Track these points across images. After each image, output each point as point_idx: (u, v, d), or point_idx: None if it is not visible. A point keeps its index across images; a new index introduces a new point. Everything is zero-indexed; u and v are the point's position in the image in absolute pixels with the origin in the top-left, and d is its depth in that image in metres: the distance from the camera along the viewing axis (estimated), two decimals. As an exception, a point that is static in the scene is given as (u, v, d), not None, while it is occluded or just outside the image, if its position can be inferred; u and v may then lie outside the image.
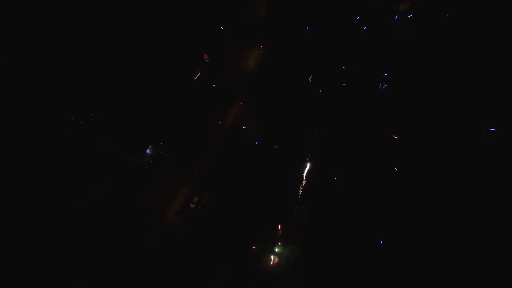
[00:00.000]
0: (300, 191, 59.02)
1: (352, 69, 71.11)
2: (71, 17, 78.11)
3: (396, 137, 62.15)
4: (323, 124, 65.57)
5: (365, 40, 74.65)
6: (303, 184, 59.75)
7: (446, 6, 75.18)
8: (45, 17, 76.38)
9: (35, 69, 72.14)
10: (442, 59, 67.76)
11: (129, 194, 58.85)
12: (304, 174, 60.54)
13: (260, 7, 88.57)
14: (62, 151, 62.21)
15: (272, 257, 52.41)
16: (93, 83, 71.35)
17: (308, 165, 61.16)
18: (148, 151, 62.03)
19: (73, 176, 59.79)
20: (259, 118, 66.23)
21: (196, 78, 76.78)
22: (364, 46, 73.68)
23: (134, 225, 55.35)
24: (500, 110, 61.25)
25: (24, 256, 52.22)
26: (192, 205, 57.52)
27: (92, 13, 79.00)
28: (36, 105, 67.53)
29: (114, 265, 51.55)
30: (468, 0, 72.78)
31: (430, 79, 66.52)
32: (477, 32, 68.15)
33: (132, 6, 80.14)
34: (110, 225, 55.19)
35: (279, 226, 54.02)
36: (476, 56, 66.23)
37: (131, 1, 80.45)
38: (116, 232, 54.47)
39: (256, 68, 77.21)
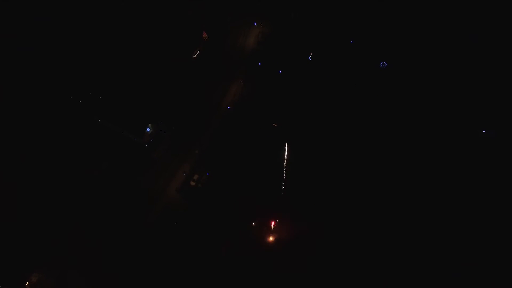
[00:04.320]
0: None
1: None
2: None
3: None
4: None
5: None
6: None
7: None
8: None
9: (33, 50, 71.36)
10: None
11: (130, 173, 59.09)
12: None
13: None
14: (61, 132, 62.34)
15: (270, 233, 53.54)
16: (92, 62, 70.62)
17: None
18: (148, 129, 61.93)
19: (73, 157, 60.21)
20: (259, 96, 66.25)
21: (195, 56, 75.94)
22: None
23: (135, 203, 55.96)
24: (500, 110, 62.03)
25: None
26: (192, 183, 58.18)
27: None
28: (35, 85, 67.15)
29: (117, 243, 52.57)
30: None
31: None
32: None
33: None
34: (111, 204, 55.81)
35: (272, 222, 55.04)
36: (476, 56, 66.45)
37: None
38: (118, 211, 55.16)
39: (255, 46, 76.27)
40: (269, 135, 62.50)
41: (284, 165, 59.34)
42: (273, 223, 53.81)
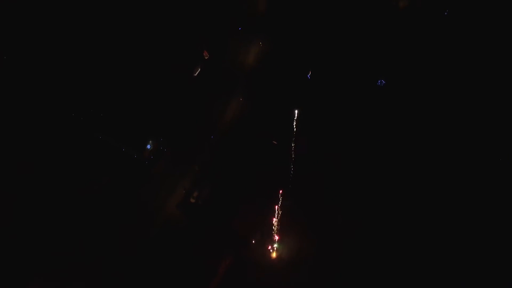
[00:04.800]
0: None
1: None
2: (72, 14, 78.36)
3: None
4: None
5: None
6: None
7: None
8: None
9: (35, 65, 72.35)
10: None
11: (130, 188, 58.85)
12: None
13: (259, 3, 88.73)
14: (63, 147, 62.59)
15: (271, 250, 53.06)
16: (94, 79, 71.64)
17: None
18: (148, 146, 62.48)
19: (73, 172, 60.17)
20: (258, 113, 66.89)
21: (196, 75, 77.14)
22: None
23: (134, 219, 55.74)
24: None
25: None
26: (192, 200, 58.15)
27: (92, 11, 79.26)
28: (37, 101, 67.83)
29: (115, 259, 52.05)
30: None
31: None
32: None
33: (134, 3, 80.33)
34: (110, 219, 55.42)
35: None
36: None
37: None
38: (117, 226, 54.81)
39: (255, 64, 77.54)
40: (269, 153, 62.81)
41: (286, 182, 59.38)
42: (275, 239, 53.52)
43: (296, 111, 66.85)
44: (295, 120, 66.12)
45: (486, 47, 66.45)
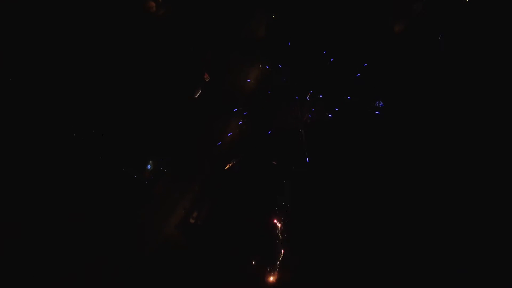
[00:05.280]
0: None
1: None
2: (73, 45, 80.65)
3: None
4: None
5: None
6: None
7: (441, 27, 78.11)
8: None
9: (35, 87, 73.63)
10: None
11: (129, 208, 58.61)
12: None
13: (259, 27, 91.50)
14: (62, 165, 62.69)
15: (272, 271, 52.31)
16: (94, 100, 72.67)
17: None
18: (148, 166, 62.69)
19: (72, 190, 60.02)
20: (258, 134, 67.54)
21: (196, 96, 78.41)
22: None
23: (133, 239, 55.37)
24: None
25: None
26: (192, 220, 57.80)
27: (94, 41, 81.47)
28: (38, 121, 68.53)
29: (113, 280, 51.25)
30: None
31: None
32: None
33: (137, 22, 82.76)
34: (108, 239, 54.81)
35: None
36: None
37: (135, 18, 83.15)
38: (115, 246, 54.35)
39: (255, 86, 78.97)
40: (269, 173, 63.01)
41: (287, 204, 59.27)
42: (276, 262, 52.92)
43: (295, 131, 68.26)
44: (295, 141, 66.97)
45: (482, 78, 68.76)
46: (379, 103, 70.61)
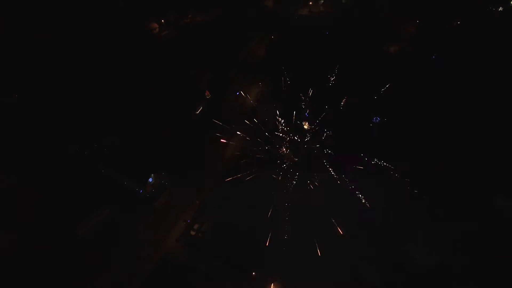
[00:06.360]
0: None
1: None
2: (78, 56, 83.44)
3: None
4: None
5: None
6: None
7: (433, 48, 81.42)
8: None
9: (42, 102, 75.40)
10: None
11: (131, 221, 59.12)
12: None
13: (259, 49, 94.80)
14: (66, 178, 63.45)
15: (271, 282, 51.98)
16: (98, 115, 74.35)
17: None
18: (150, 179, 63.37)
19: (76, 203, 60.45)
20: (259, 149, 68.79)
21: (198, 112, 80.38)
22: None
23: (134, 251, 55.07)
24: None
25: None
26: (193, 232, 57.88)
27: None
28: (43, 137, 69.82)
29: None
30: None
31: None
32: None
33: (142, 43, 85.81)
34: (110, 251, 54.85)
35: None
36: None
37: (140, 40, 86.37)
38: (116, 258, 54.09)
39: (255, 104, 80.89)
40: (269, 187, 63.42)
41: (287, 215, 59.45)
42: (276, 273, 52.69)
43: (295, 150, 69.86)
44: (295, 155, 68.09)
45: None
46: (376, 118, 72.59)
